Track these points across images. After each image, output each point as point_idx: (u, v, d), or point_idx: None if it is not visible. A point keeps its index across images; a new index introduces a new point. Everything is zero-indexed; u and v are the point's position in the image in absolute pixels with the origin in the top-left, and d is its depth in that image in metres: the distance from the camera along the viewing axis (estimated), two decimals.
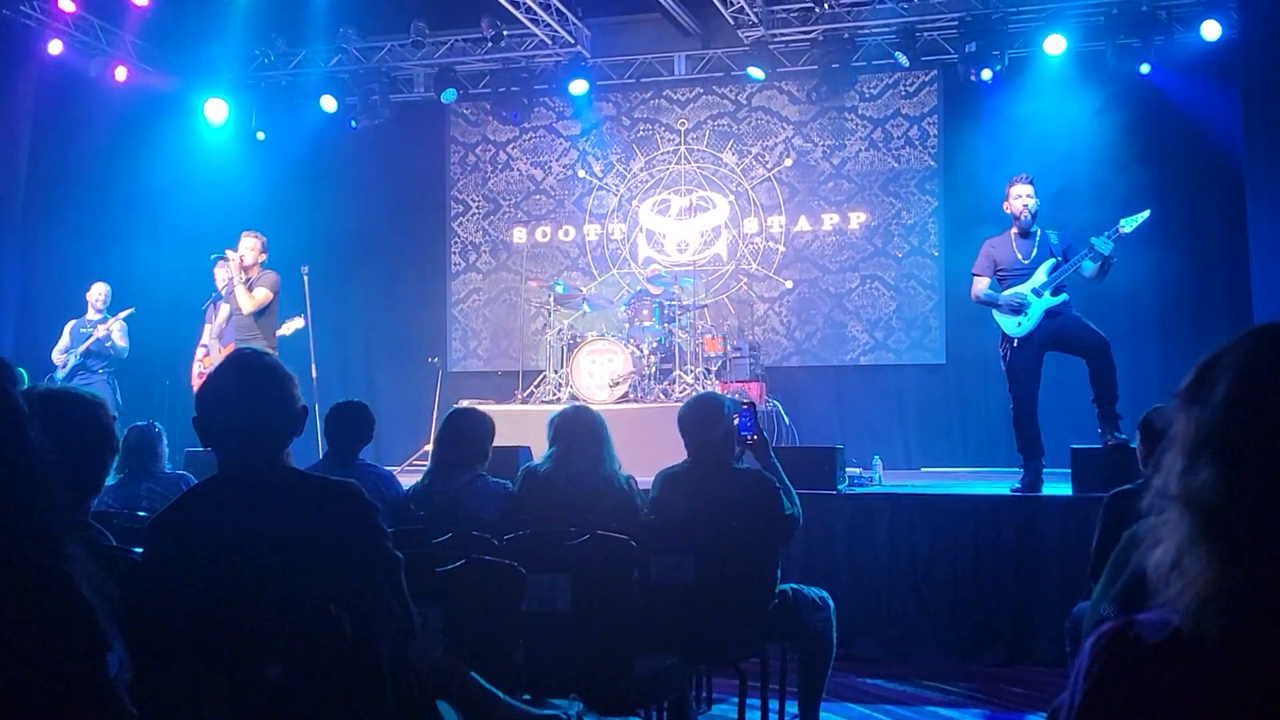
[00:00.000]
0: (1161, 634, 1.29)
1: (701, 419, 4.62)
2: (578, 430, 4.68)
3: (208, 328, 9.56)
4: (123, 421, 5.57)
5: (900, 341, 11.24)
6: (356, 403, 5.24)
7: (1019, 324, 6.96)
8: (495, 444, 5.04)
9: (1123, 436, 6.66)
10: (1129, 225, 6.80)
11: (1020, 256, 7.01)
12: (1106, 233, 6.78)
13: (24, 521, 1.56)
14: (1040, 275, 6.93)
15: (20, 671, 1.48)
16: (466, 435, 4.89)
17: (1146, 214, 6.90)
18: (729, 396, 5.16)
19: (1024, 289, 6.93)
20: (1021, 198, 7.03)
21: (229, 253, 8.70)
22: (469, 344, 12.41)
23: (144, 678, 2.24)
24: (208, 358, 9.38)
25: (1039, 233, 7.05)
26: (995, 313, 7.08)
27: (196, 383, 9.31)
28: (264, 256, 8.75)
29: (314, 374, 9.58)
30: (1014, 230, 7.09)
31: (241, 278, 8.53)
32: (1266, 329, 1.33)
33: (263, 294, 8.53)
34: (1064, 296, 6.90)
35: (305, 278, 9.70)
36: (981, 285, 7.12)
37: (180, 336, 11.12)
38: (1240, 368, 1.30)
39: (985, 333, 10.48)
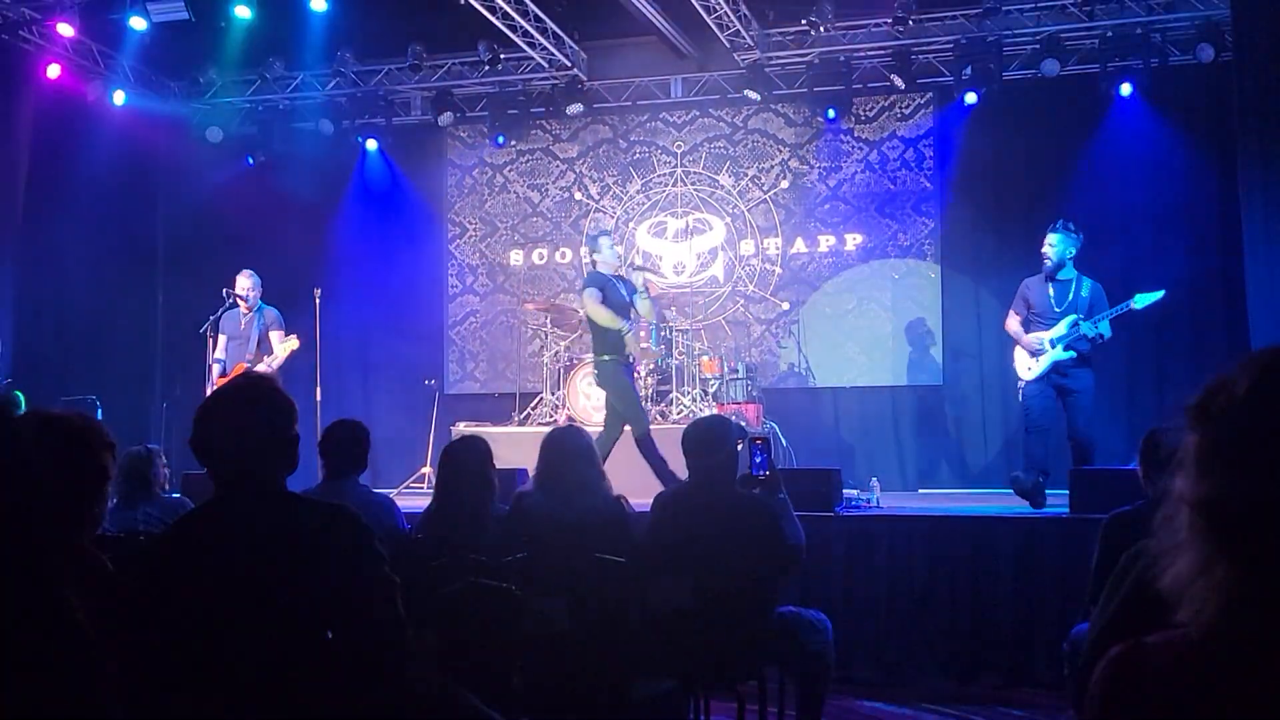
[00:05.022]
0: (1170, 655, 1.29)
1: (706, 440, 4.61)
2: (564, 451, 4.67)
3: (222, 339, 9.51)
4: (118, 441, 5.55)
5: (897, 363, 11.24)
6: (350, 421, 5.19)
7: (1029, 369, 7.56)
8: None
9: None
10: (1141, 303, 7.27)
11: (1052, 302, 7.54)
12: (1119, 306, 7.30)
13: (20, 543, 1.56)
14: (1061, 328, 7.44)
15: (15, 691, 1.48)
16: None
17: (1160, 294, 7.29)
18: (738, 423, 5.15)
19: (1046, 336, 7.48)
20: (1045, 245, 7.59)
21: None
22: (466, 366, 12.41)
23: (139, 699, 2.23)
24: (223, 377, 9.39)
25: (1074, 280, 7.54)
26: (1016, 350, 7.69)
27: None
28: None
29: (319, 396, 9.58)
30: (1044, 274, 7.64)
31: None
32: (1274, 350, 1.34)
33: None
34: (1072, 354, 7.37)
35: (318, 300, 9.74)
36: (1012, 323, 7.76)
37: (178, 359, 11.13)
38: (1253, 382, 1.30)
39: (982, 354, 10.56)
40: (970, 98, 10.64)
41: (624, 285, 8.24)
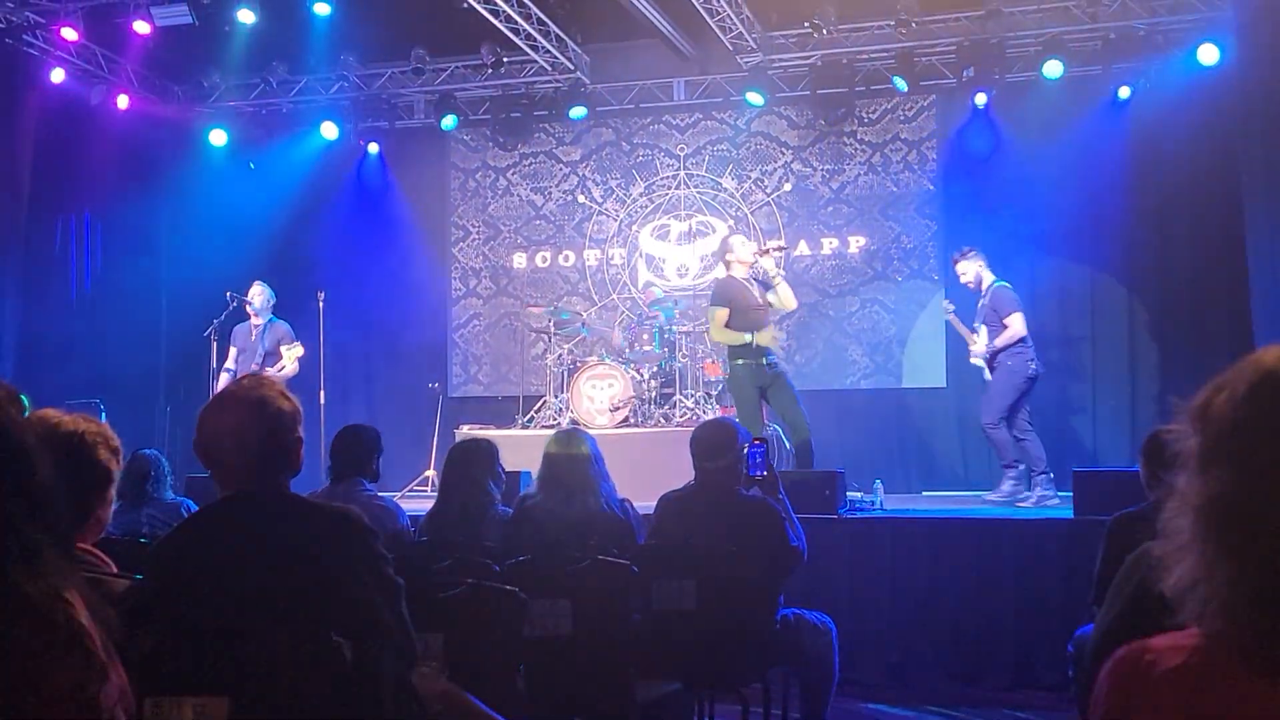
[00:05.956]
0: (1175, 657, 1.29)
1: (712, 443, 4.61)
2: (567, 454, 4.67)
3: (233, 350, 9.53)
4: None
5: (901, 365, 11.23)
6: (362, 426, 5.18)
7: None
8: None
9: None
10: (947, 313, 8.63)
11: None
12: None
13: (23, 547, 1.56)
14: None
15: (17, 699, 1.48)
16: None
17: (953, 307, 8.87)
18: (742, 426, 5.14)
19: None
20: (960, 278, 8.76)
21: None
22: (469, 369, 12.41)
23: (143, 703, 2.23)
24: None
25: (984, 292, 8.54)
26: None
27: None
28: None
29: (322, 399, 9.58)
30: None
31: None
32: (1272, 350, 1.34)
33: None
34: (980, 362, 8.46)
35: (321, 303, 9.73)
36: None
37: (181, 362, 11.13)
38: (1252, 382, 1.31)
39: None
40: (980, 99, 10.64)
41: (756, 285, 7.99)
